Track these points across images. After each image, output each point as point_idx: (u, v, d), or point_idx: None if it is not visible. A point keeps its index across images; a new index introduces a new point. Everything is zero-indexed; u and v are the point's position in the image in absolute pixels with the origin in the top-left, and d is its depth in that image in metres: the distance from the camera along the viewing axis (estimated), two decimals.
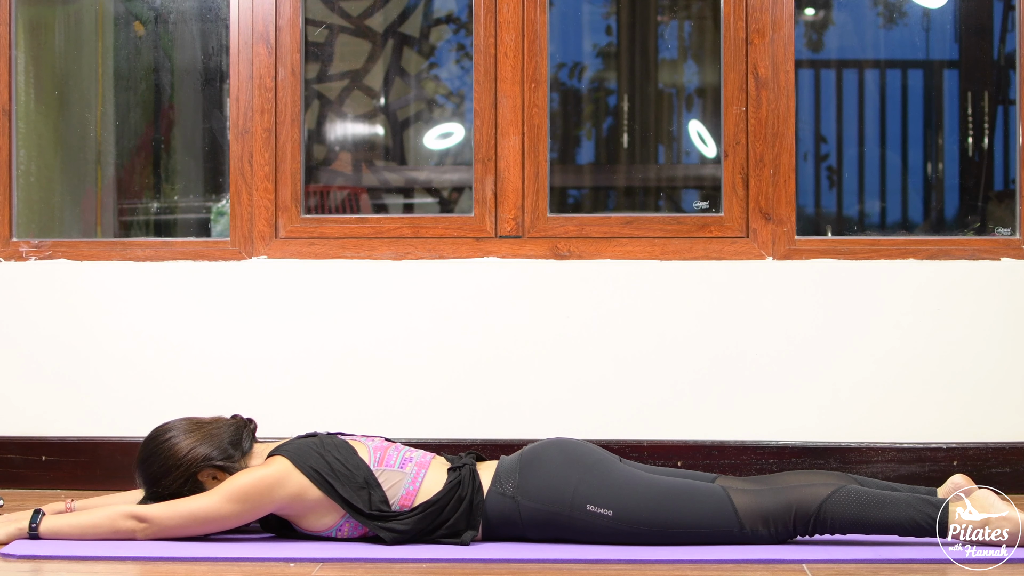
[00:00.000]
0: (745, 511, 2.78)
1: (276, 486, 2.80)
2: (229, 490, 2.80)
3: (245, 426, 2.95)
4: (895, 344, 3.73)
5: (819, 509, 2.75)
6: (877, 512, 2.74)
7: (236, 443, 2.90)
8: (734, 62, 3.79)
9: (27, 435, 3.80)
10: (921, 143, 5.61)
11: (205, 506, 2.80)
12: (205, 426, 2.91)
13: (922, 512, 2.73)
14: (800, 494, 2.78)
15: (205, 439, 2.87)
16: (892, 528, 2.74)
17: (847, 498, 2.75)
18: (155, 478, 2.87)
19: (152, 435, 2.92)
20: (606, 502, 2.80)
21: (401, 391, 3.77)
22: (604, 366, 3.74)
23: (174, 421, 2.94)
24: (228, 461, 2.86)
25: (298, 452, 2.84)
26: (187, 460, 2.85)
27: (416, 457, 2.90)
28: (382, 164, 5.92)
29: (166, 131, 5.01)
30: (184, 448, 2.86)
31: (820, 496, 2.76)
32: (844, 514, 2.74)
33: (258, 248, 3.84)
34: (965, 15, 5.48)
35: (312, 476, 2.80)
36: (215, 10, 4.27)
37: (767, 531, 2.78)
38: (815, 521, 2.75)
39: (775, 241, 3.77)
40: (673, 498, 2.80)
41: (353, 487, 2.80)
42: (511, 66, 3.81)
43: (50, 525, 2.85)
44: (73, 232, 4.54)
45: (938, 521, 2.71)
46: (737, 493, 2.81)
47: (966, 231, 5.17)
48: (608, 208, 5.89)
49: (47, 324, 3.83)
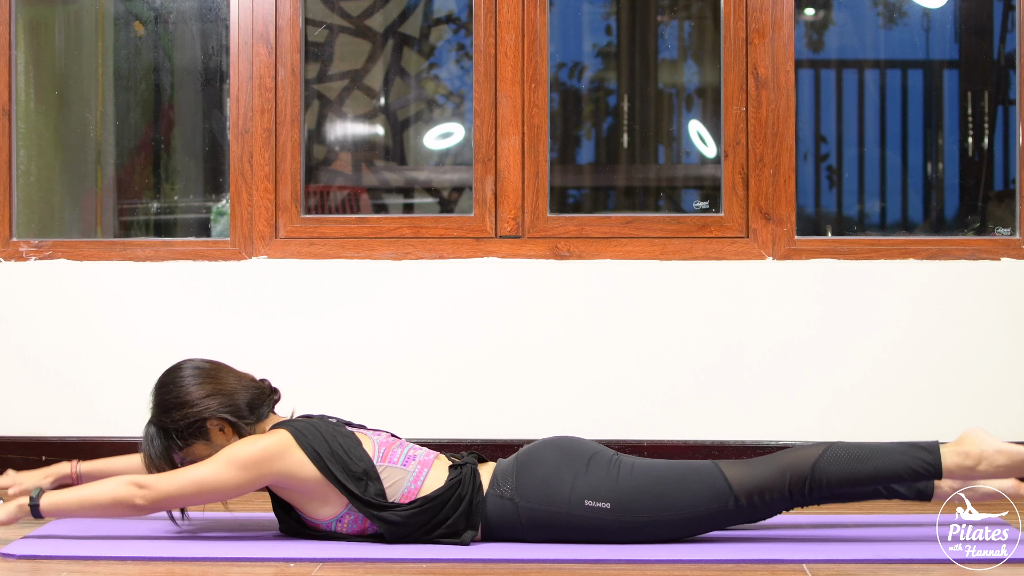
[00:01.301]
0: (739, 484, 2.76)
1: (276, 457, 2.78)
2: (229, 457, 2.77)
3: (269, 395, 2.94)
4: (895, 344, 3.73)
5: (813, 469, 2.74)
6: (871, 463, 2.74)
7: (254, 407, 2.88)
8: (734, 62, 3.79)
9: (27, 435, 3.80)
10: (921, 143, 5.61)
11: (205, 472, 2.76)
12: (231, 377, 2.89)
13: (916, 458, 2.73)
14: (792, 458, 2.77)
15: (225, 391, 2.85)
16: (889, 478, 2.74)
17: (839, 453, 2.75)
18: (165, 407, 2.84)
19: (178, 366, 2.90)
20: (603, 495, 2.79)
21: (401, 391, 3.77)
22: (604, 366, 3.74)
23: (204, 360, 2.92)
24: (240, 420, 2.85)
25: (303, 430, 2.83)
26: (200, 405, 2.82)
27: (420, 455, 2.89)
28: (382, 164, 5.92)
29: (166, 131, 5.01)
30: (202, 392, 2.83)
31: (812, 456, 2.75)
32: (839, 470, 2.73)
33: (258, 248, 3.84)
34: (965, 15, 5.48)
35: (312, 456, 2.79)
36: (215, 10, 4.27)
37: (762, 501, 2.76)
38: (811, 483, 2.74)
39: (775, 241, 3.77)
40: (667, 482, 2.80)
41: (351, 475, 2.79)
42: (511, 66, 3.81)
43: (51, 499, 2.81)
44: (73, 232, 4.54)
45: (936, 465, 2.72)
46: (729, 466, 2.80)
47: (966, 231, 5.17)
48: (608, 208, 5.89)
49: (47, 324, 3.83)
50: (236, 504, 3.27)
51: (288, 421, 2.89)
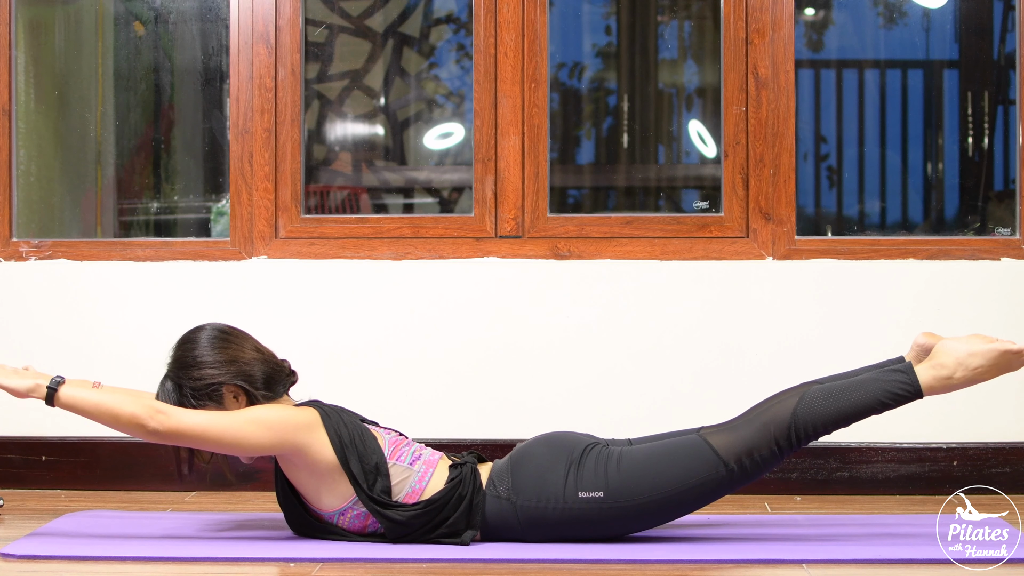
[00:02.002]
0: (725, 449, 2.78)
1: (303, 429, 2.77)
2: (255, 415, 2.77)
3: (287, 375, 2.93)
4: (895, 344, 3.72)
5: (793, 418, 2.75)
6: (849, 397, 2.76)
7: (269, 382, 2.87)
8: (734, 62, 3.79)
9: (27, 435, 3.80)
10: (921, 143, 5.61)
11: (228, 421, 2.75)
12: (250, 348, 2.89)
13: (893, 381, 2.75)
14: (770, 414, 2.78)
15: (241, 360, 2.85)
16: (871, 407, 2.76)
17: (816, 397, 2.77)
18: (182, 364, 2.84)
19: (202, 327, 2.90)
20: (596, 485, 2.80)
21: (401, 391, 3.77)
22: (604, 366, 3.75)
23: (237, 330, 2.91)
24: (255, 390, 2.83)
25: (330, 412, 2.84)
26: (213, 368, 2.81)
27: (426, 455, 2.90)
28: (382, 164, 5.92)
29: (166, 131, 5.01)
30: (217, 358, 2.83)
31: (790, 407, 2.77)
32: (820, 412, 2.75)
33: (258, 248, 3.84)
34: (965, 15, 5.48)
35: (333, 439, 2.79)
36: (215, 10, 4.27)
37: (752, 461, 2.77)
38: (794, 431, 2.75)
39: (775, 241, 3.77)
40: (655, 461, 2.80)
41: (364, 467, 2.80)
42: (511, 66, 3.81)
43: (69, 391, 2.79)
44: (73, 232, 4.54)
45: (915, 384, 2.75)
46: (713, 435, 2.81)
47: (966, 231, 5.17)
48: (608, 208, 5.89)
49: (47, 324, 3.83)
50: (236, 504, 3.27)
51: (316, 401, 2.89)
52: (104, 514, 3.24)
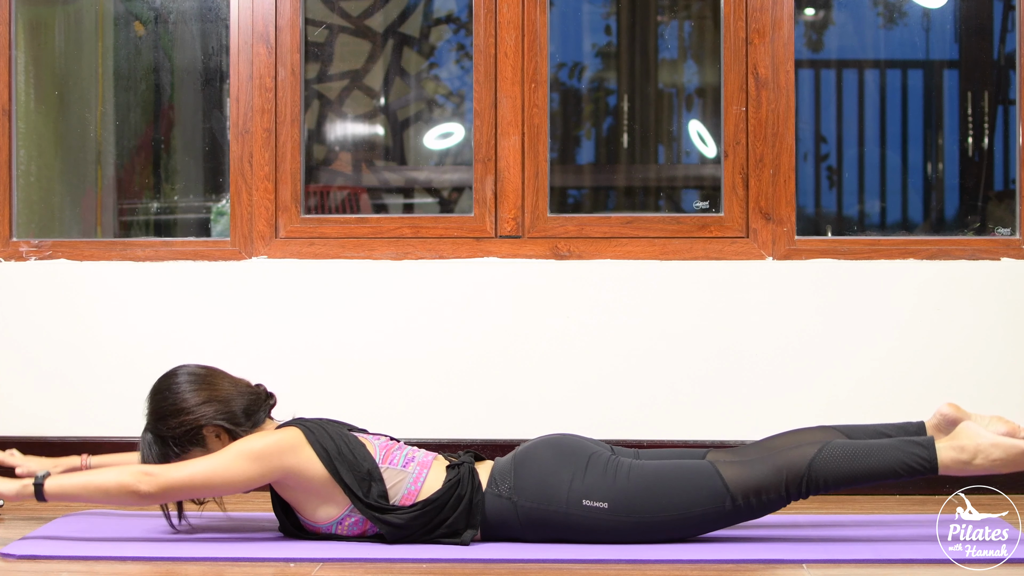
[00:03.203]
0: (735, 484, 2.77)
1: (287, 451, 2.77)
2: (239, 450, 2.76)
3: (265, 399, 2.93)
4: (895, 344, 3.73)
5: (809, 469, 2.74)
6: (867, 461, 2.74)
7: (250, 413, 2.87)
8: (734, 62, 3.79)
9: (27, 435, 3.80)
10: (921, 143, 5.62)
11: (214, 464, 2.75)
12: (226, 383, 2.88)
13: (911, 454, 2.73)
14: (788, 458, 2.77)
15: (221, 398, 2.84)
16: (885, 475, 2.74)
17: (835, 453, 2.75)
18: (160, 415, 2.83)
19: (173, 372, 2.89)
20: (601, 495, 2.79)
21: (401, 391, 3.77)
22: (604, 366, 3.75)
23: (200, 366, 2.90)
24: (235, 427, 2.83)
25: (312, 428, 2.83)
26: (196, 412, 2.81)
27: (419, 457, 2.90)
28: (382, 164, 5.93)
29: (166, 131, 5.01)
30: (197, 400, 2.82)
31: (808, 456, 2.75)
32: (834, 470, 2.74)
33: (258, 248, 3.84)
34: (965, 15, 5.48)
35: (320, 453, 2.78)
36: (215, 10, 4.27)
37: (759, 501, 2.76)
38: (806, 482, 2.74)
39: (775, 241, 3.77)
40: (664, 482, 2.79)
41: (356, 475, 2.79)
42: (511, 66, 3.81)
43: (56, 482, 2.78)
44: (73, 232, 4.54)
45: (932, 461, 2.72)
46: (725, 466, 2.80)
47: (966, 231, 5.17)
48: (608, 208, 5.89)
49: (47, 324, 3.83)
50: (236, 504, 3.27)
51: (297, 419, 2.89)
52: (104, 514, 3.24)
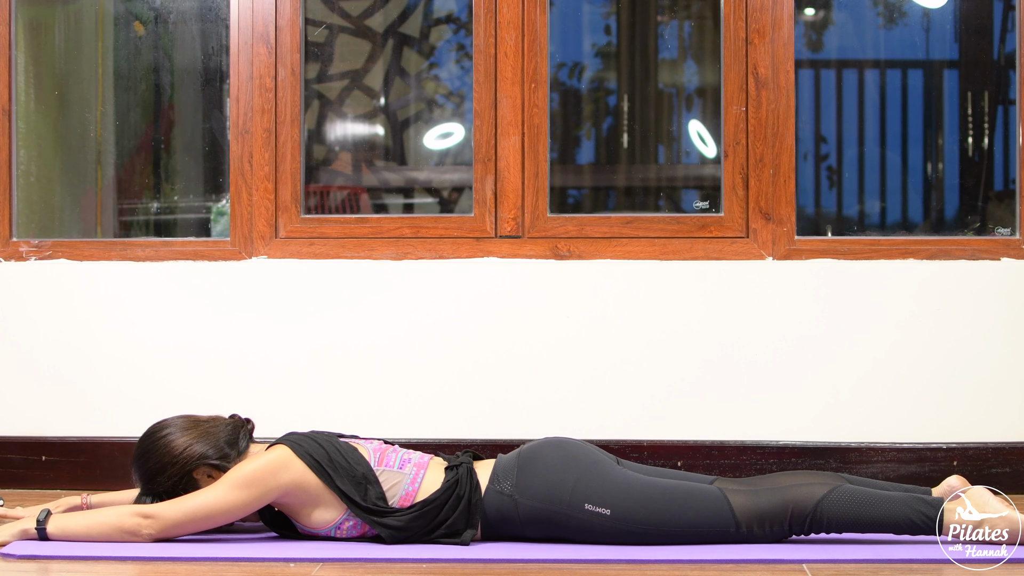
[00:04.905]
0: (742, 511, 2.79)
1: (280, 470, 2.79)
2: (232, 479, 2.79)
3: (243, 426, 2.95)
4: (895, 344, 3.73)
5: (815, 508, 2.75)
6: (873, 511, 2.75)
7: (233, 442, 2.90)
8: (734, 62, 3.79)
9: (27, 435, 3.80)
10: (921, 143, 5.61)
11: (210, 497, 2.79)
12: (202, 424, 2.91)
13: (918, 511, 2.74)
14: (796, 493, 2.79)
15: (201, 437, 2.87)
16: (888, 526, 2.75)
17: (843, 497, 2.76)
18: (151, 475, 2.87)
19: (148, 432, 2.92)
20: (604, 501, 2.80)
21: (401, 391, 3.77)
22: (604, 366, 3.75)
23: (171, 419, 2.94)
24: (224, 460, 2.86)
25: (299, 441, 2.86)
26: (182, 458, 2.84)
27: (414, 458, 2.91)
28: (382, 164, 5.93)
29: (166, 131, 5.01)
30: (180, 446, 2.85)
31: (816, 495, 2.77)
32: (840, 513, 2.75)
33: (258, 248, 3.84)
34: (965, 15, 5.48)
35: (311, 464, 2.80)
36: (215, 10, 4.27)
37: (763, 531, 2.79)
38: (811, 520, 2.76)
39: (775, 241, 3.77)
40: (671, 498, 2.81)
41: (351, 480, 2.81)
42: (511, 66, 3.81)
43: (57, 523, 2.83)
44: (73, 232, 4.54)
45: (936, 520, 2.72)
46: (734, 494, 2.82)
47: (966, 231, 5.17)
48: (608, 208, 5.89)
49: (47, 324, 3.83)
50: None
51: (283, 437, 2.91)
52: None
